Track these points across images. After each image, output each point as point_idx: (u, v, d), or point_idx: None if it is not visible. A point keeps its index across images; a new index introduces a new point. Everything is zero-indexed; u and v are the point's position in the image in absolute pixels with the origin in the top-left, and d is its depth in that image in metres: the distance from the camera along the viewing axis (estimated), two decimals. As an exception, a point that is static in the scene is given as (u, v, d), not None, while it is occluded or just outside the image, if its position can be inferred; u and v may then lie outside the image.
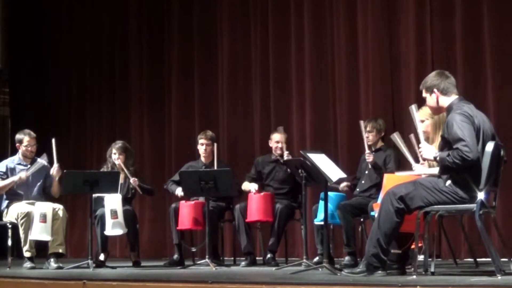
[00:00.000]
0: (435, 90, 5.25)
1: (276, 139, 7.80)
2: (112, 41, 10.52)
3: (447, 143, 5.11)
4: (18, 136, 7.71)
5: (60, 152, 10.20)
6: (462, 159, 4.92)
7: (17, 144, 7.70)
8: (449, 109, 5.22)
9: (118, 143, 8.00)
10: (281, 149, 7.73)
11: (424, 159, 5.32)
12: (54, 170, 7.51)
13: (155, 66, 10.12)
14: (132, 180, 7.74)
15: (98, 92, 10.56)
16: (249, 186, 7.69)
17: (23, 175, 7.46)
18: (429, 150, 5.23)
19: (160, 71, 10.07)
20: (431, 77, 5.31)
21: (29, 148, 7.64)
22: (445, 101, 5.25)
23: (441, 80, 5.26)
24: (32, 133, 7.71)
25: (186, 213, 7.51)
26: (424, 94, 5.33)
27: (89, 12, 10.78)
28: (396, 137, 5.87)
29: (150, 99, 10.13)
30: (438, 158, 5.08)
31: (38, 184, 7.64)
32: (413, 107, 5.38)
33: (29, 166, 7.65)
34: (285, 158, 7.49)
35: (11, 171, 7.62)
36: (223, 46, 9.57)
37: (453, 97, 5.24)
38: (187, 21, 9.88)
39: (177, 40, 9.95)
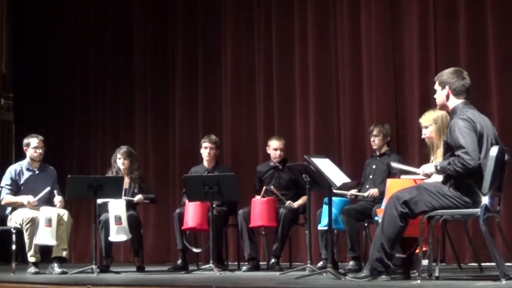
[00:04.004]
0: (447, 87, 5.25)
1: (274, 146, 7.84)
2: (116, 45, 10.53)
3: (449, 148, 5.13)
4: (25, 140, 7.69)
5: (64, 157, 10.24)
6: (463, 167, 4.95)
7: (25, 148, 7.69)
8: (453, 111, 5.23)
9: (123, 148, 8.01)
10: (280, 156, 7.78)
11: (426, 175, 5.31)
12: (58, 201, 7.48)
13: (159, 70, 10.13)
14: (137, 198, 7.75)
15: (102, 97, 10.57)
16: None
17: (31, 200, 7.40)
18: (428, 165, 5.28)
19: (164, 76, 10.09)
20: (448, 73, 5.29)
21: (37, 150, 7.62)
22: (452, 102, 5.25)
23: (457, 79, 5.25)
24: (40, 136, 7.69)
25: (191, 212, 7.43)
26: (436, 87, 5.32)
27: (93, 18, 10.80)
28: (394, 165, 5.98)
29: (154, 103, 10.14)
30: (439, 168, 5.12)
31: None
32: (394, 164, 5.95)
33: (37, 171, 7.66)
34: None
35: (19, 175, 7.61)
36: (227, 51, 9.58)
37: (460, 101, 5.23)
38: (192, 26, 9.89)
39: (181, 45, 9.97)
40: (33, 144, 7.62)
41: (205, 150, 7.93)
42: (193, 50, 9.84)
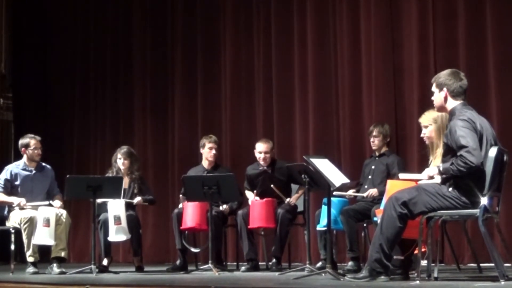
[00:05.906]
0: (445, 89, 5.25)
1: (259, 149, 7.79)
2: (115, 46, 10.53)
3: (450, 150, 5.11)
4: (22, 141, 7.68)
5: (63, 157, 10.22)
6: (466, 166, 4.92)
7: (23, 149, 7.67)
8: (451, 113, 5.23)
9: (123, 148, 8.01)
10: (265, 159, 7.72)
11: (429, 178, 5.29)
12: (57, 206, 7.47)
13: (159, 71, 10.13)
14: (136, 201, 7.75)
15: (102, 97, 10.57)
16: (248, 195, 7.77)
17: (22, 203, 7.40)
18: (431, 168, 5.27)
19: (164, 76, 10.09)
20: (445, 75, 5.28)
21: (36, 151, 7.63)
22: (450, 103, 5.25)
23: (454, 81, 5.24)
24: (36, 136, 7.70)
25: (190, 212, 7.42)
26: (434, 89, 5.31)
27: (93, 19, 10.80)
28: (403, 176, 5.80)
29: (153, 104, 10.14)
30: (441, 169, 5.09)
31: (43, 193, 7.62)
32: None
33: (34, 171, 7.65)
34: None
35: (14, 176, 7.62)
36: (226, 52, 9.58)
37: (458, 102, 5.23)
38: (191, 28, 9.89)
39: (180, 46, 9.97)
40: (32, 145, 7.62)
41: (211, 151, 7.93)
42: (193, 50, 9.84)
